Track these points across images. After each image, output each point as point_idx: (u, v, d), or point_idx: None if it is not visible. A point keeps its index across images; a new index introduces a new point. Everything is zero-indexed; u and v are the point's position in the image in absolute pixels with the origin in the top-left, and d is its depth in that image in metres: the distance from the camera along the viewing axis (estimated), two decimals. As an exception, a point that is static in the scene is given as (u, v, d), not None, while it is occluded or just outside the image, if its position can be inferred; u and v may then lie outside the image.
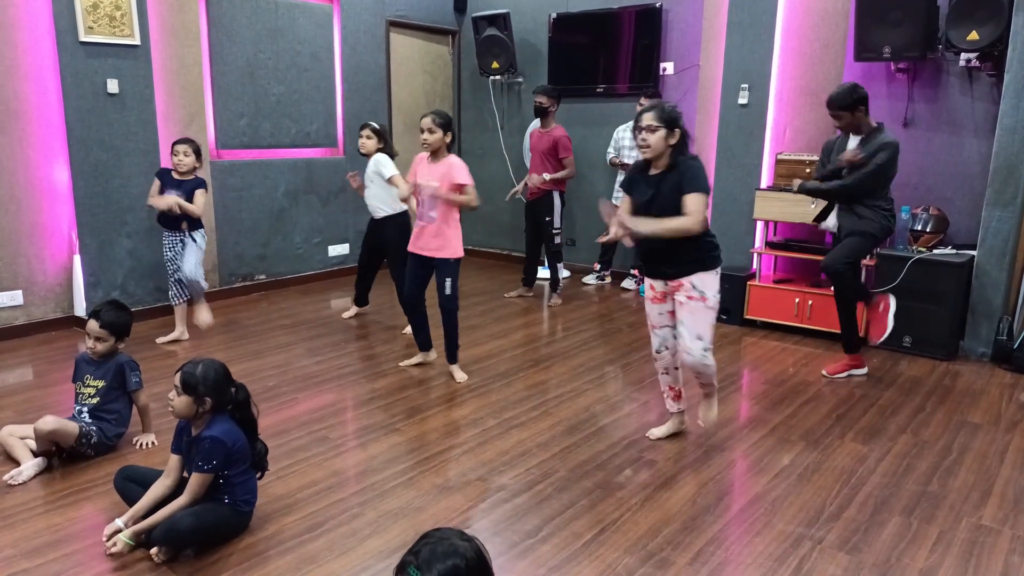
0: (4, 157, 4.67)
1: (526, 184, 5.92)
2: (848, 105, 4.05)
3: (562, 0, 6.84)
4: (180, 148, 4.58)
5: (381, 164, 4.84)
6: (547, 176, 5.75)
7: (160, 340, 4.76)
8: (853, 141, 4.17)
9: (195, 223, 4.65)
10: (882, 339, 4.29)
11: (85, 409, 3.20)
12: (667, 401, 3.51)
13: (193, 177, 4.61)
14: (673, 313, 3.25)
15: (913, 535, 2.71)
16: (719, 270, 3.17)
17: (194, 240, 4.65)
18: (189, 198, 4.55)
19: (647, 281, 3.30)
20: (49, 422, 3.00)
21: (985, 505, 2.93)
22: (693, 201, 2.98)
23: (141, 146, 5.11)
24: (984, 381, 4.35)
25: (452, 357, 4.25)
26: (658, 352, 3.41)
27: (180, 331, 4.82)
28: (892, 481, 3.11)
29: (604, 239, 3.18)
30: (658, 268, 3.20)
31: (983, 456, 3.36)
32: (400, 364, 4.42)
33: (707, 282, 3.12)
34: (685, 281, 3.12)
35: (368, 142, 4.88)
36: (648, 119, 3.02)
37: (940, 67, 4.99)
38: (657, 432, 3.48)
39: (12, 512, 2.77)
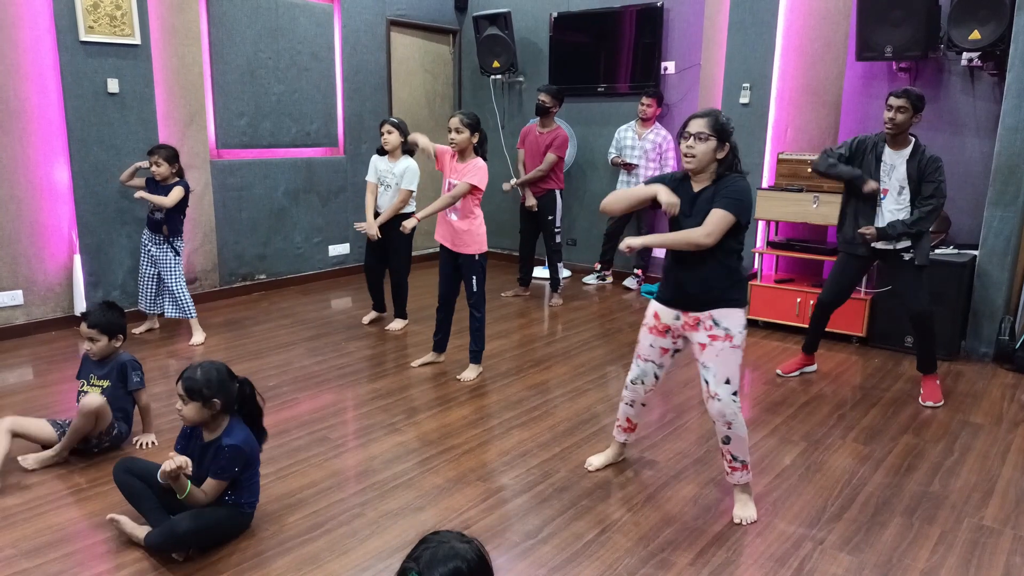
0: (4, 156, 4.66)
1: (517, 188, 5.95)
2: (921, 106, 3.79)
3: (563, -1, 6.84)
4: (151, 158, 4.59)
5: (409, 176, 4.91)
6: (513, 182, 5.86)
7: (137, 331, 4.93)
8: (892, 156, 3.88)
9: (174, 228, 4.68)
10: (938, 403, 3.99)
11: None
12: (616, 430, 3.18)
13: (176, 182, 4.61)
14: (667, 351, 2.90)
15: (914, 536, 2.70)
16: (744, 310, 2.77)
17: (174, 251, 4.70)
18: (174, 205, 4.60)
19: (653, 307, 2.87)
20: (96, 399, 3.04)
21: (987, 505, 2.92)
22: (715, 217, 2.58)
23: (141, 146, 5.09)
24: (986, 381, 4.34)
25: (473, 356, 4.29)
26: (633, 383, 3.01)
27: (150, 323, 5.05)
28: (893, 481, 3.10)
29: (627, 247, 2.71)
30: (679, 291, 2.76)
31: (985, 456, 3.35)
32: (412, 364, 4.41)
33: (732, 318, 2.69)
34: (705, 316, 2.70)
35: (391, 137, 4.89)
36: (699, 125, 2.62)
37: (942, 67, 4.98)
38: (596, 462, 3.18)
39: (12, 512, 2.76)
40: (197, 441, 2.61)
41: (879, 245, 3.95)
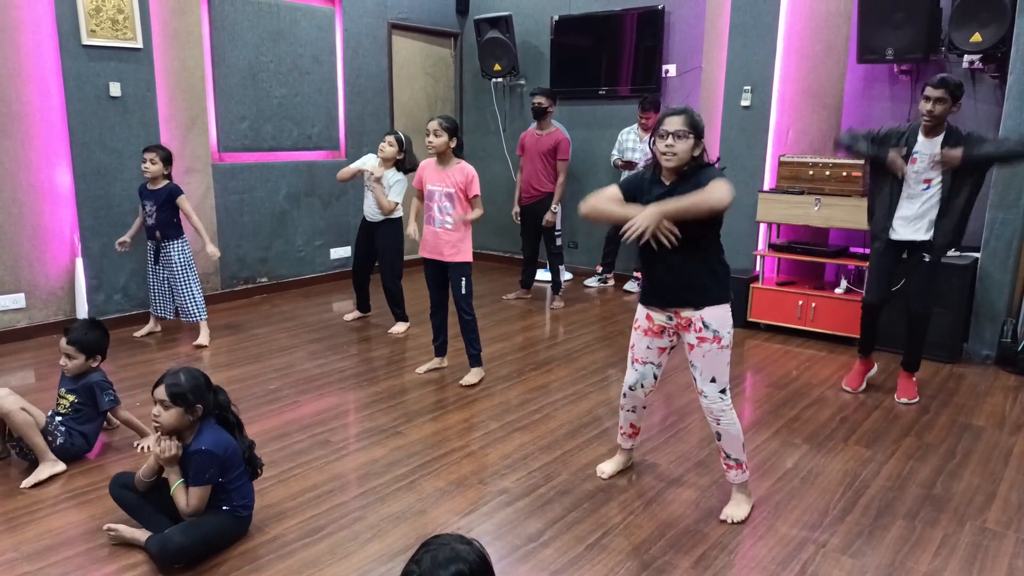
0: (6, 159, 4.67)
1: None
2: (959, 94, 3.64)
3: (564, 2, 6.84)
4: (147, 155, 4.62)
5: (397, 189, 4.94)
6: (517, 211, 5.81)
7: (138, 334, 4.99)
8: (928, 144, 3.75)
9: (169, 232, 4.69)
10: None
11: (59, 418, 3.17)
12: (621, 438, 3.15)
13: (164, 185, 4.64)
14: (665, 349, 2.90)
15: (917, 539, 2.69)
16: (729, 305, 2.75)
17: (179, 253, 4.71)
18: (164, 206, 4.62)
19: (643, 310, 2.87)
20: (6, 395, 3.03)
21: (989, 508, 2.91)
22: (718, 182, 2.54)
23: (143, 149, 5.10)
24: (988, 384, 4.33)
25: (472, 360, 4.27)
26: (631, 389, 2.98)
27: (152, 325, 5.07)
28: (896, 484, 3.10)
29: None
30: (664, 295, 2.77)
31: (987, 459, 3.35)
32: (417, 371, 4.39)
33: (720, 318, 2.70)
34: (695, 318, 2.70)
35: (389, 149, 4.92)
36: (677, 123, 2.59)
37: (943, 69, 4.97)
38: (607, 469, 3.14)
39: (14, 515, 2.77)
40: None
41: (903, 237, 3.86)
